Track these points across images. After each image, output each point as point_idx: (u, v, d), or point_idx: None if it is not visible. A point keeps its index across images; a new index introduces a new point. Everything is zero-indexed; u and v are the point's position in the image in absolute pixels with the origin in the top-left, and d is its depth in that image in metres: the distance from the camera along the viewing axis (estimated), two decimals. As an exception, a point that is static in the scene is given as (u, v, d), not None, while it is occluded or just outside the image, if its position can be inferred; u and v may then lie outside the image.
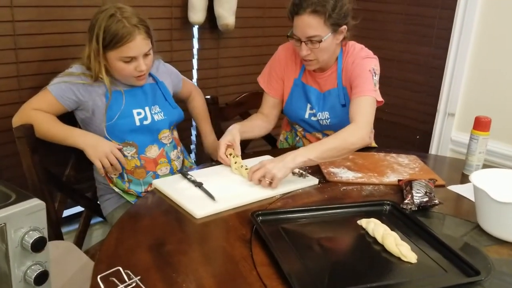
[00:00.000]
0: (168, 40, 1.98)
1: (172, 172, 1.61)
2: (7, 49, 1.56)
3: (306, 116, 1.71)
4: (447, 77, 2.25)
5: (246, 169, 1.35)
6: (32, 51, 1.62)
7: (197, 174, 1.43)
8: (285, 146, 1.91)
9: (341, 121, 1.65)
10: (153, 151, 1.57)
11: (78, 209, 1.89)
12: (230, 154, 1.48)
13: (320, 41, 1.51)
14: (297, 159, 1.35)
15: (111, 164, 1.46)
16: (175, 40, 2.01)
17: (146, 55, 1.48)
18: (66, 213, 1.87)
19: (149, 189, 1.55)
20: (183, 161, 1.71)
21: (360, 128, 1.45)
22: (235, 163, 1.45)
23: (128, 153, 1.53)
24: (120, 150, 1.49)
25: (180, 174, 1.43)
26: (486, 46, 2.15)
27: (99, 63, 1.45)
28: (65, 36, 1.68)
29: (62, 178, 1.59)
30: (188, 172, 1.43)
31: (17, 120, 1.46)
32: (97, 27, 1.42)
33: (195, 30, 2.08)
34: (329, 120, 1.67)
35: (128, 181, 1.56)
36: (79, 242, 1.69)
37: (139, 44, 1.44)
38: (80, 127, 1.56)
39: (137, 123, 1.53)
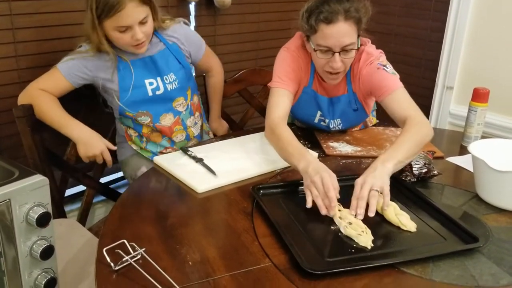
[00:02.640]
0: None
1: (188, 139, 1.64)
2: (4, 29, 1.55)
3: (316, 121, 1.63)
4: (445, 51, 2.24)
5: (340, 210, 1.08)
6: (29, 31, 1.61)
7: (198, 150, 1.44)
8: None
9: (352, 124, 1.66)
10: (167, 119, 1.58)
11: (80, 188, 1.90)
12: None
13: (354, 49, 1.39)
14: (387, 164, 1.17)
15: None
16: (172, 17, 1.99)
17: (142, 22, 1.42)
18: (68, 192, 1.89)
19: (165, 151, 1.60)
20: (201, 126, 1.73)
21: (422, 119, 1.34)
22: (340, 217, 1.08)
23: (143, 121, 1.56)
24: (137, 120, 1.54)
25: (180, 151, 1.44)
26: (484, 19, 2.14)
27: (97, 34, 1.42)
28: (62, 15, 1.67)
29: (63, 157, 1.60)
30: (189, 149, 1.43)
31: (22, 98, 1.46)
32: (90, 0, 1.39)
33: (192, 7, 2.06)
34: (341, 125, 1.62)
35: (146, 141, 1.61)
36: (82, 221, 1.71)
37: (130, 12, 1.38)
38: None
39: (150, 93, 1.53)
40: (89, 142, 1.43)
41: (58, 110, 1.45)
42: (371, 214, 1.07)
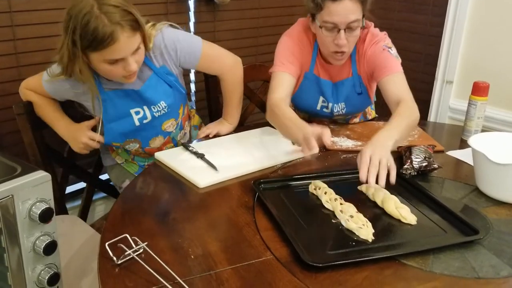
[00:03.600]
0: (163, 14, 1.97)
1: None
2: (4, 26, 1.56)
3: (318, 108, 1.64)
4: (445, 45, 2.25)
5: (342, 204, 1.08)
6: (29, 28, 1.61)
7: (199, 146, 1.44)
8: None
9: (355, 109, 1.66)
10: (157, 142, 1.52)
11: (81, 185, 1.91)
12: (318, 188, 1.17)
13: (359, 27, 1.41)
14: (388, 142, 1.20)
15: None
16: (171, 13, 1.99)
17: (135, 51, 1.28)
18: (69, 189, 1.90)
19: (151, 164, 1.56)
20: (190, 130, 1.69)
21: (414, 104, 1.38)
22: (325, 193, 1.14)
23: (132, 148, 1.51)
24: (125, 148, 1.51)
25: (181, 146, 1.44)
26: (483, 13, 2.14)
27: (78, 64, 1.26)
28: (62, 12, 1.66)
29: (63, 153, 1.60)
30: (190, 144, 1.44)
31: (21, 95, 1.47)
32: (71, 27, 1.21)
33: (191, 3, 2.07)
34: (344, 109, 1.64)
35: (133, 155, 1.58)
36: (83, 217, 1.71)
37: (124, 44, 1.22)
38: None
39: (137, 123, 1.43)
40: (75, 136, 1.44)
41: (49, 109, 1.45)
42: (383, 183, 1.09)
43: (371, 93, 1.63)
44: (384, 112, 1.65)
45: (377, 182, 1.11)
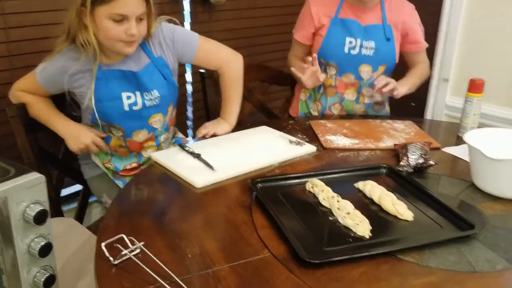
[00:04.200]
0: (158, 15, 1.96)
1: None
2: (-3, 28, 1.56)
3: (346, 50, 1.72)
4: (441, 43, 2.26)
5: (339, 201, 1.08)
6: (22, 30, 1.60)
7: (195, 146, 1.44)
8: (305, 105, 1.91)
9: (383, 56, 1.73)
10: (141, 136, 1.50)
11: (77, 188, 1.90)
12: (315, 186, 1.17)
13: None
14: (404, 88, 1.68)
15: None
16: (166, 14, 1.98)
17: (139, 19, 1.33)
18: (65, 192, 1.89)
19: (128, 167, 1.56)
20: (173, 136, 1.68)
21: (427, 65, 1.85)
22: (322, 191, 1.14)
23: (114, 134, 1.48)
24: (108, 129, 1.48)
25: (178, 146, 1.44)
26: (479, 10, 2.15)
27: (85, 27, 1.30)
28: (55, 14, 1.66)
29: (58, 155, 1.60)
30: (186, 144, 1.44)
31: (11, 99, 1.46)
32: None
33: (186, 3, 2.07)
34: (373, 51, 1.71)
35: (110, 155, 1.55)
36: (79, 220, 1.71)
37: (131, 2, 1.28)
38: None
39: (126, 108, 1.42)
40: (78, 134, 1.43)
41: (45, 107, 1.45)
42: (384, 86, 1.60)
43: (397, 47, 1.75)
44: (397, 111, 1.74)
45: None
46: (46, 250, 0.97)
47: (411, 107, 2.46)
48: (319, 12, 1.74)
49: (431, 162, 1.30)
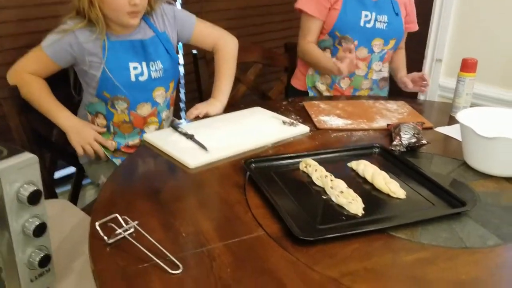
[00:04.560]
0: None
1: None
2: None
3: (361, 24, 1.76)
4: (434, 23, 2.25)
5: (332, 180, 1.09)
6: (11, 11, 1.58)
7: (188, 127, 1.44)
8: (311, 79, 1.93)
9: (394, 30, 1.80)
10: (144, 109, 1.53)
11: (70, 170, 1.90)
12: (309, 166, 1.17)
13: None
14: None
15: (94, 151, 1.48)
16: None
17: None
18: (58, 175, 1.89)
19: (130, 144, 1.57)
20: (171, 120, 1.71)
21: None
22: (316, 171, 1.15)
23: (119, 107, 1.51)
24: (112, 103, 1.49)
25: (170, 128, 1.43)
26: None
27: (91, 3, 1.36)
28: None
29: (51, 138, 1.59)
30: (179, 125, 1.43)
31: (12, 80, 1.45)
32: None
33: (178, -16, 2.04)
34: (386, 24, 1.77)
35: (113, 133, 1.56)
36: (73, 202, 1.71)
37: None
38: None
39: (132, 78, 1.47)
40: (81, 130, 1.45)
41: (48, 97, 1.45)
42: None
43: (404, 22, 1.83)
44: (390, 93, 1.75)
45: None
46: (40, 230, 0.97)
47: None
48: None
49: (424, 141, 1.31)
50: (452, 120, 1.57)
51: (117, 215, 0.92)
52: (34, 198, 0.94)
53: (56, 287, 1.07)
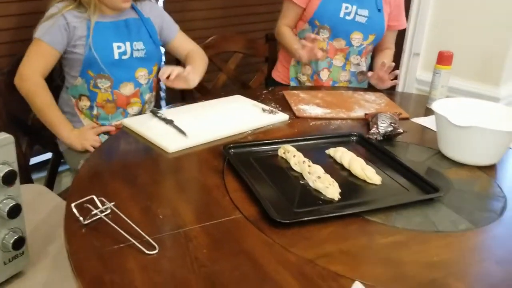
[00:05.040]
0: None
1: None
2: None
3: (341, 15, 1.77)
4: (412, 18, 2.28)
5: (309, 165, 1.09)
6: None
7: (167, 112, 1.43)
8: (294, 70, 1.94)
9: (373, 26, 1.79)
10: (128, 89, 1.55)
11: (46, 156, 1.87)
12: (288, 152, 1.18)
13: None
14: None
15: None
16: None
17: None
18: (34, 160, 1.86)
19: (114, 124, 1.57)
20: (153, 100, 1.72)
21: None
22: (294, 156, 1.16)
23: (102, 85, 1.51)
24: (95, 83, 1.51)
25: (150, 113, 1.42)
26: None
27: None
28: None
29: (28, 121, 1.56)
30: (158, 111, 1.42)
31: (21, 90, 1.44)
32: None
33: (159, -30, 2.02)
34: (366, 19, 1.77)
35: (96, 115, 1.56)
36: (49, 188, 1.68)
37: None
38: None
39: (116, 57, 1.50)
40: (81, 133, 1.47)
41: (52, 111, 1.46)
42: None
43: (386, 19, 1.81)
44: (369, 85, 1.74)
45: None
46: (15, 211, 0.95)
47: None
48: None
49: (400, 130, 1.33)
50: (428, 112, 1.60)
51: (94, 196, 0.91)
52: (9, 179, 0.93)
53: (29, 271, 1.06)
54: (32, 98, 1.44)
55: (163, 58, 2.11)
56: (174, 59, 1.81)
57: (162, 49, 1.72)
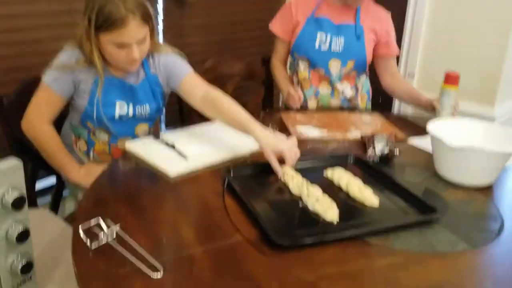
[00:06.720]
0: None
1: None
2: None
3: (316, 46, 1.81)
4: (406, 39, 2.33)
5: (308, 188, 1.12)
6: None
7: (169, 136, 1.46)
8: None
9: (351, 52, 1.81)
10: (126, 143, 1.51)
11: (50, 182, 1.89)
12: (286, 174, 1.21)
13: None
14: None
15: None
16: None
17: (140, 41, 1.39)
18: (38, 186, 1.87)
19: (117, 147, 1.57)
20: None
21: None
22: (293, 177, 1.19)
23: (100, 138, 1.53)
24: (94, 133, 1.52)
25: (152, 136, 1.46)
26: (442, 8, 2.23)
27: (90, 45, 1.38)
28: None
29: (33, 146, 1.59)
30: (160, 134, 1.46)
31: (28, 134, 1.46)
32: (90, 7, 1.34)
33: (160, -3, 2.08)
34: (342, 46, 1.80)
35: (92, 157, 1.57)
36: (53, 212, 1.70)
37: (132, 31, 1.34)
38: None
39: (116, 116, 1.49)
40: (89, 171, 1.43)
41: (60, 155, 1.46)
42: None
43: (368, 46, 1.82)
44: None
45: None
46: (23, 236, 0.97)
47: (379, 103, 2.54)
48: (298, 11, 1.84)
49: (396, 152, 1.36)
50: (424, 132, 1.63)
51: (99, 217, 0.94)
52: (18, 204, 0.95)
53: (37, 295, 1.08)
54: (39, 145, 1.45)
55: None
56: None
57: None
